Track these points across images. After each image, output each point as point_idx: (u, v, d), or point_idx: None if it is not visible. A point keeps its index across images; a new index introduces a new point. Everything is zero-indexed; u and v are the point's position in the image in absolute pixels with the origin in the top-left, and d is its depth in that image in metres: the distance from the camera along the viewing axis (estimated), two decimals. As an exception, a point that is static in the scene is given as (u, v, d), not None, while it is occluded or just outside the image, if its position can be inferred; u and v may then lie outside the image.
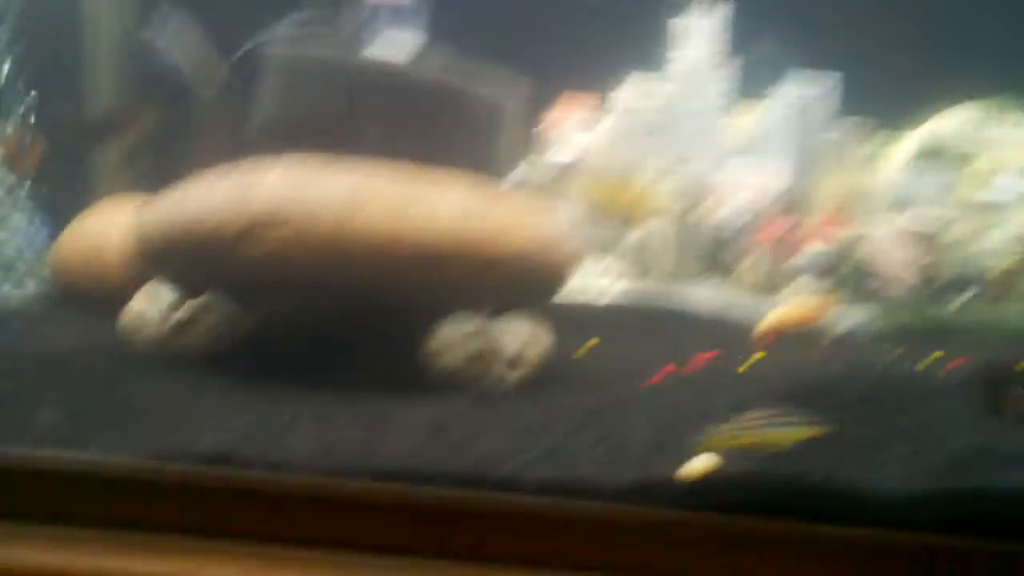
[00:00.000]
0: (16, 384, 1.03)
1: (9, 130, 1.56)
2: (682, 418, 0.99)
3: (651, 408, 1.04)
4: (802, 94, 2.17)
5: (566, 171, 2.09)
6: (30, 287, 1.54)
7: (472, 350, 1.12)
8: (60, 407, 0.94)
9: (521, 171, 2.00)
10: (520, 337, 1.15)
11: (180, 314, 1.17)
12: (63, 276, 1.52)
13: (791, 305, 1.59)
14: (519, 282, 1.15)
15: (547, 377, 1.19)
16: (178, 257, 1.10)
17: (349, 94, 1.17)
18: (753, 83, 2.24)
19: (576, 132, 2.15)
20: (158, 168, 1.54)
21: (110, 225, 1.47)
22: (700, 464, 0.82)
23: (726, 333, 1.64)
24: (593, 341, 1.39)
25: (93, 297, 1.45)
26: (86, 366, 1.12)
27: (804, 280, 1.95)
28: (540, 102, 2.05)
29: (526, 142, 1.99)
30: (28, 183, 1.59)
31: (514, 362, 1.14)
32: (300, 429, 0.94)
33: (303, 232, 1.01)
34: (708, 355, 1.34)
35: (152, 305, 1.19)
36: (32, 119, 1.59)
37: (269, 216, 1.02)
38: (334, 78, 1.19)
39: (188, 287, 1.19)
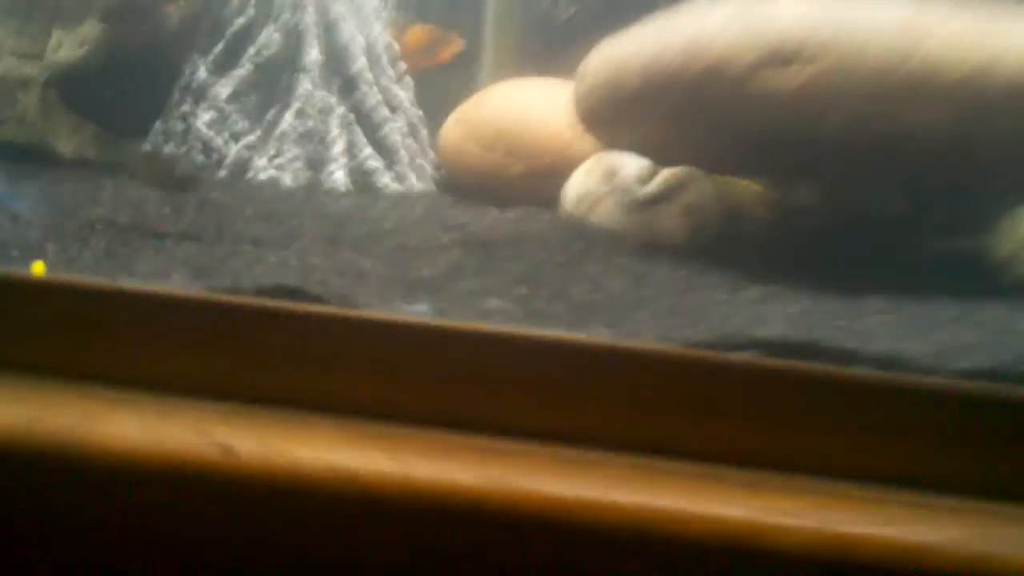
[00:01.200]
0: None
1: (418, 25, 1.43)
2: None
3: None
4: None
5: None
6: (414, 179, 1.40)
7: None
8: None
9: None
10: None
11: (651, 187, 0.91)
12: (455, 162, 1.34)
13: None
14: None
15: None
16: (650, 107, 0.86)
17: None
18: None
19: None
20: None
21: (513, 105, 1.28)
22: None
23: None
24: None
25: (491, 184, 1.25)
26: (534, 251, 0.91)
27: None
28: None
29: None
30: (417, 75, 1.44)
31: None
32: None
33: (848, 64, 0.75)
34: None
35: (606, 179, 0.97)
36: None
37: (799, 43, 0.76)
38: None
39: (654, 152, 0.95)
